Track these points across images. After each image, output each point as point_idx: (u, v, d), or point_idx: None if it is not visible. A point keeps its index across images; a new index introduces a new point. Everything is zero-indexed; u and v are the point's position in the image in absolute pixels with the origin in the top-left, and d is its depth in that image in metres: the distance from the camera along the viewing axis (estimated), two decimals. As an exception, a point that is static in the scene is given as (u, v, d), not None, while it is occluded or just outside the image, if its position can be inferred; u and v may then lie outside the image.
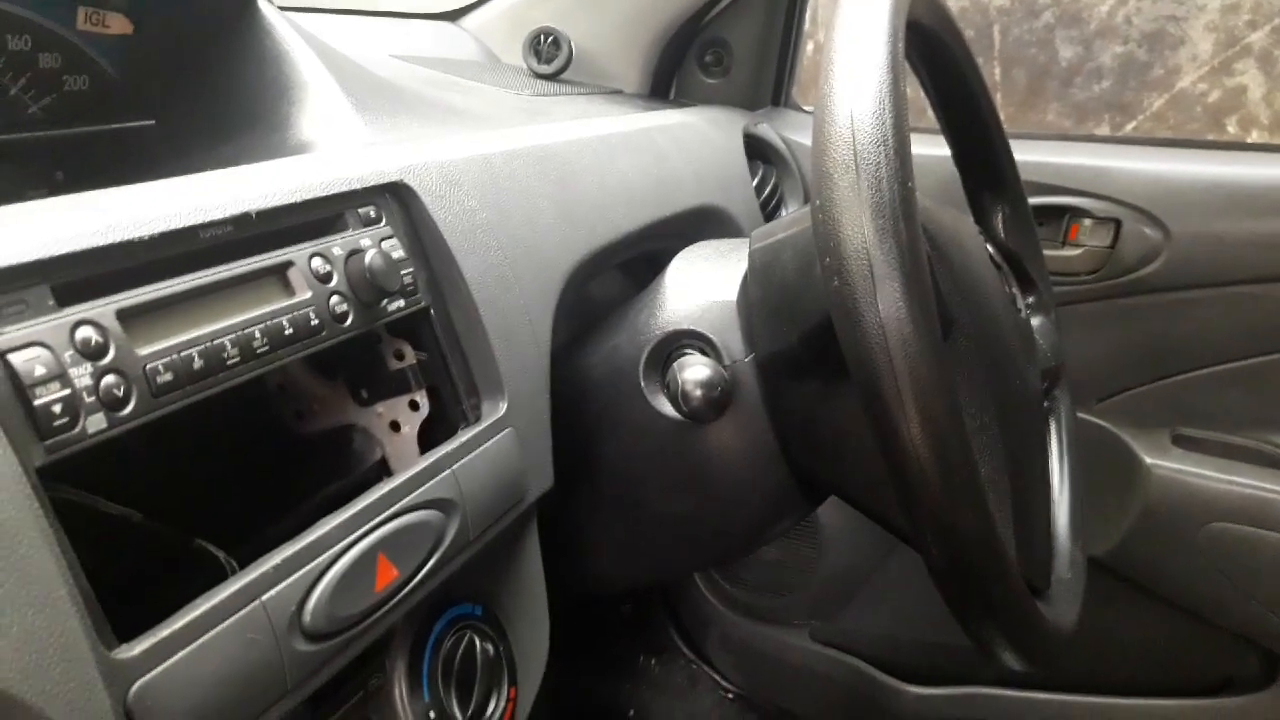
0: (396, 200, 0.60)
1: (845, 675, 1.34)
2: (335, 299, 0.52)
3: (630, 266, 0.92)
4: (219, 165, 0.53)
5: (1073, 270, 1.12)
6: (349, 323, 0.52)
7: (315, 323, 0.50)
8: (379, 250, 0.54)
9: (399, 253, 0.57)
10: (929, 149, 0.86)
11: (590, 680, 1.42)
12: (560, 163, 0.77)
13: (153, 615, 0.40)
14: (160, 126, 0.70)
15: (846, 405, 0.62)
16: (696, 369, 0.65)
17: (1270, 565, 1.09)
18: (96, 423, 0.39)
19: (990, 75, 1.45)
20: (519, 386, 0.63)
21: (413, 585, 0.52)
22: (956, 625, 0.53)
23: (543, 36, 1.19)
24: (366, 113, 0.68)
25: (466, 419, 0.61)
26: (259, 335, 0.47)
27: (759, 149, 1.17)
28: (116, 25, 0.67)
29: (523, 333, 0.65)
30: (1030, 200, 0.86)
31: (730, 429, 0.67)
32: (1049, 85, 1.45)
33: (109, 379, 0.40)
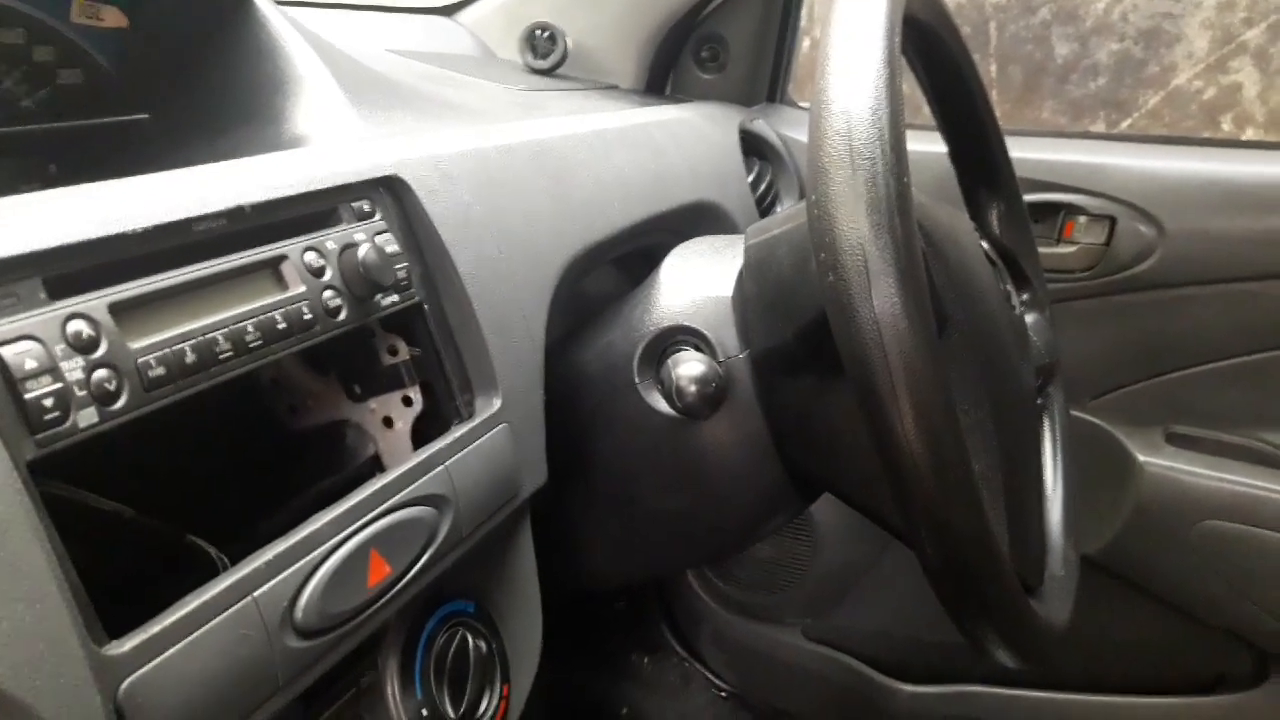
0: (391, 194, 0.59)
1: (839, 673, 1.34)
2: (329, 293, 0.51)
3: (625, 262, 0.92)
4: (213, 159, 0.53)
5: (1067, 267, 1.12)
6: (342, 317, 0.52)
7: (308, 317, 0.50)
8: (373, 245, 0.54)
9: (393, 247, 0.57)
10: (924, 145, 0.86)
11: (583, 678, 1.41)
12: (556, 158, 0.76)
13: (144, 611, 0.40)
14: (154, 120, 0.69)
15: (841, 401, 0.62)
16: (691, 365, 0.65)
17: (1263, 563, 1.09)
18: (88, 417, 0.39)
19: (986, 72, 1.45)
20: (513, 382, 0.63)
21: (405, 582, 0.52)
22: (950, 623, 0.53)
23: (538, 31, 1.19)
24: (361, 107, 0.68)
25: (460, 415, 0.61)
26: (252, 329, 0.47)
27: (754, 145, 1.17)
28: (111, 18, 0.67)
29: (517, 328, 0.65)
30: (1025, 197, 0.86)
31: (724, 425, 0.67)
32: (1045, 82, 1.45)
33: (100, 373, 0.39)
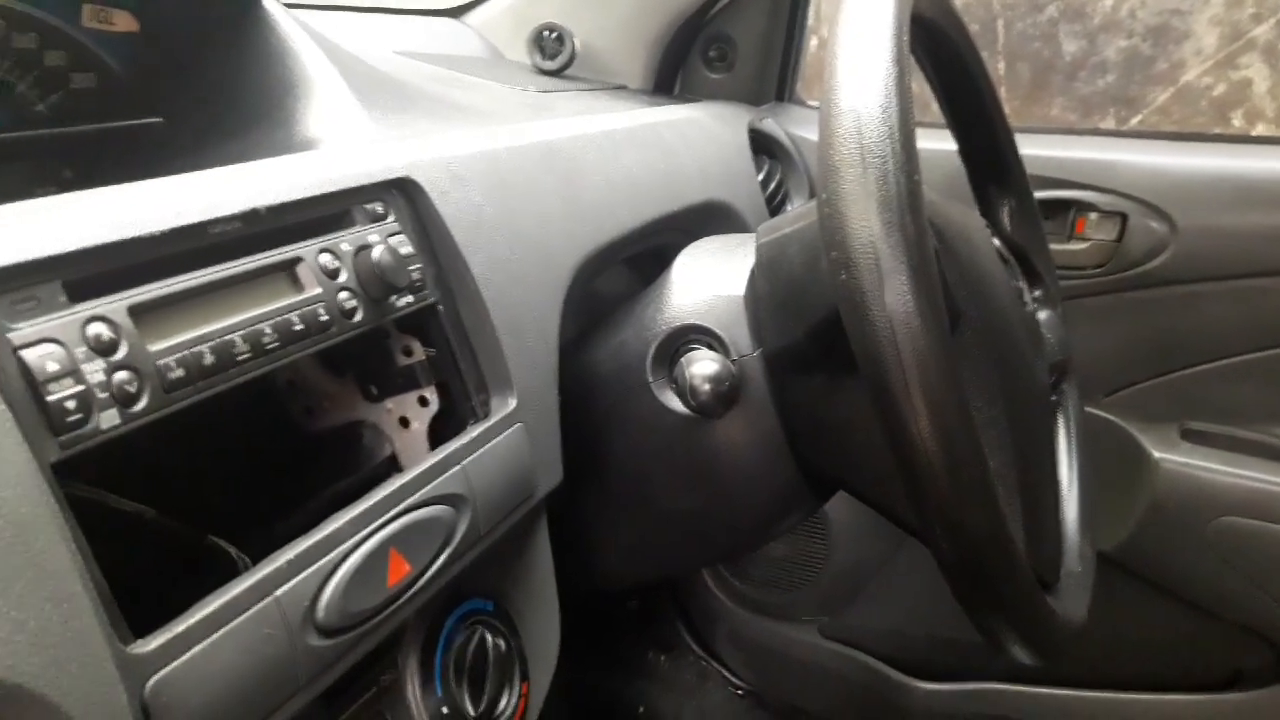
0: (403, 196, 0.60)
1: (854, 671, 1.34)
2: (344, 295, 0.52)
3: (637, 262, 0.92)
4: (226, 162, 0.53)
5: (1079, 264, 1.12)
6: (358, 319, 0.52)
7: (325, 319, 0.50)
8: (387, 246, 0.54)
9: (407, 248, 0.57)
10: (934, 143, 0.86)
11: (599, 677, 1.42)
12: (566, 158, 0.77)
13: (166, 611, 0.40)
14: (167, 124, 0.70)
15: (854, 399, 0.62)
16: (704, 364, 0.65)
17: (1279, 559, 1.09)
18: (109, 419, 0.39)
19: (994, 69, 1.44)
20: (528, 382, 0.63)
21: (424, 580, 0.52)
22: (965, 620, 0.53)
23: (547, 32, 1.19)
24: (372, 109, 0.68)
25: (476, 415, 0.61)
26: (269, 331, 0.47)
27: (764, 144, 1.17)
28: (122, 23, 0.67)
29: (531, 328, 0.65)
30: (1036, 194, 0.86)
31: (738, 424, 0.67)
32: (1053, 80, 1.45)
33: (121, 375, 0.40)
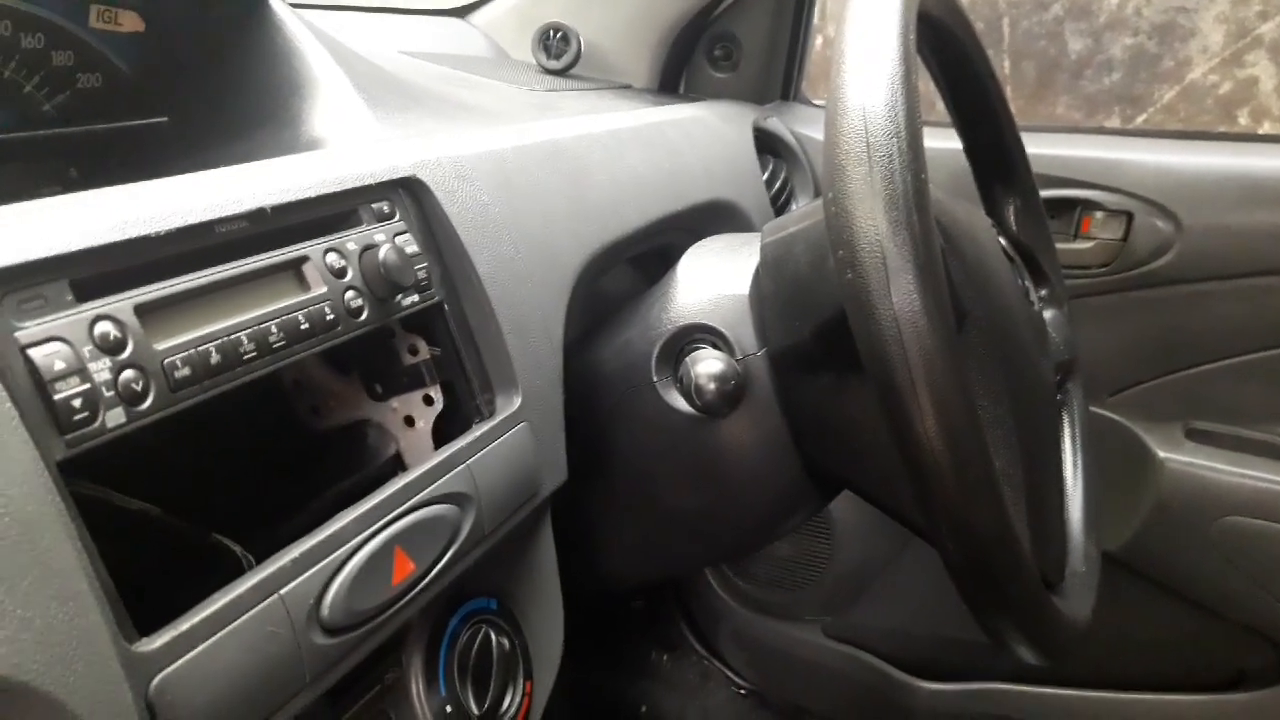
0: (409, 195, 0.60)
1: (858, 671, 1.34)
2: (350, 294, 0.52)
3: (642, 261, 0.92)
4: (232, 162, 0.53)
5: (1084, 263, 1.12)
6: (364, 317, 0.52)
7: (330, 318, 0.50)
8: (393, 245, 0.54)
9: (412, 248, 0.57)
10: (940, 142, 0.86)
11: (602, 676, 1.42)
12: (571, 158, 0.77)
13: (171, 609, 0.40)
14: (173, 123, 0.70)
15: (860, 399, 0.62)
16: (709, 363, 0.65)
17: (1284, 559, 1.09)
18: (115, 417, 0.39)
19: (1000, 68, 1.44)
20: (532, 381, 0.63)
21: (429, 579, 0.52)
22: (970, 620, 0.53)
23: (552, 32, 1.19)
24: (378, 108, 0.68)
25: (480, 414, 0.61)
26: (275, 330, 0.47)
27: (769, 143, 1.17)
28: (129, 23, 0.67)
29: (536, 327, 0.65)
30: (1042, 193, 0.86)
31: (743, 423, 0.67)
32: (1059, 78, 1.45)
33: (127, 374, 0.40)
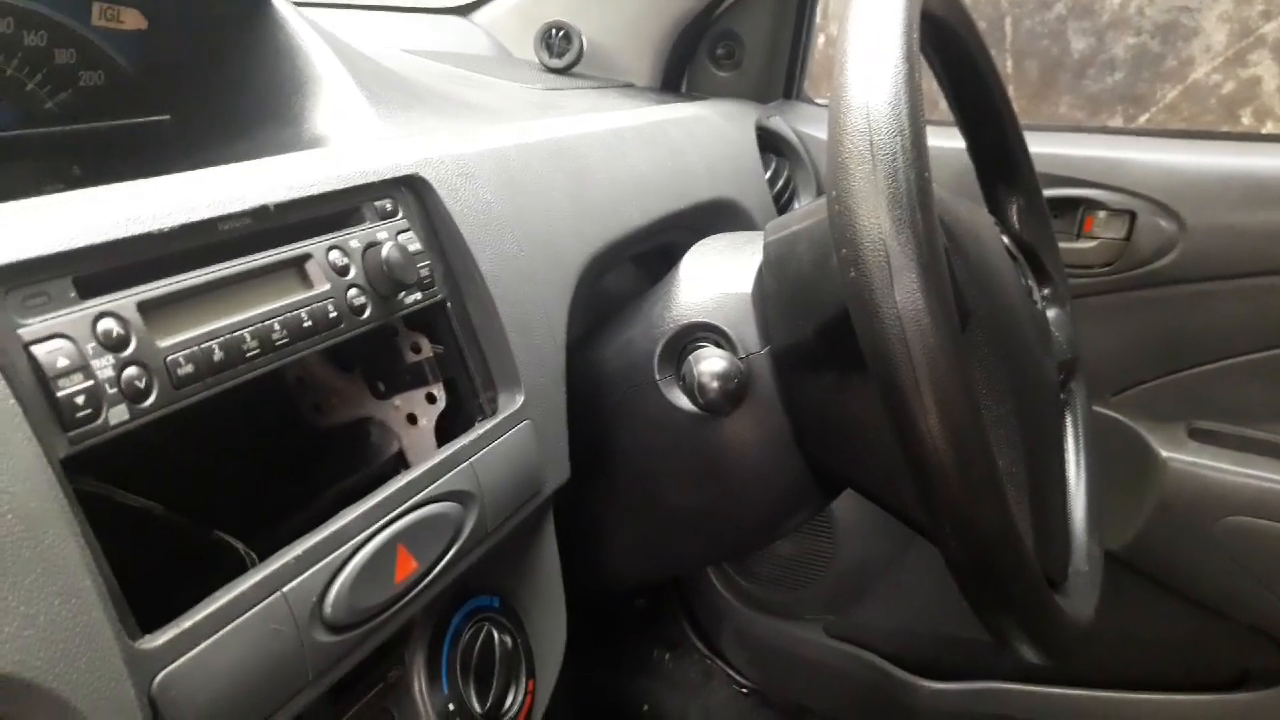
0: (412, 193, 0.60)
1: (860, 670, 1.34)
2: (353, 291, 0.52)
3: (644, 259, 0.92)
4: (234, 160, 0.53)
5: (1087, 262, 1.11)
6: (367, 315, 0.52)
7: (333, 315, 0.50)
8: (395, 243, 0.54)
9: (415, 245, 0.57)
10: (943, 141, 0.86)
11: (604, 675, 1.42)
12: (574, 156, 0.76)
13: (174, 607, 0.40)
14: (175, 121, 0.70)
15: (863, 397, 0.62)
16: (712, 361, 0.65)
17: (1287, 559, 1.09)
18: (119, 414, 0.39)
19: (1002, 67, 1.44)
20: (535, 379, 0.63)
21: (432, 577, 0.52)
22: (972, 619, 0.53)
23: (554, 30, 1.19)
24: (380, 106, 0.68)
25: (483, 412, 0.61)
26: (278, 327, 0.47)
27: (771, 142, 1.17)
28: (131, 20, 0.67)
29: (539, 326, 0.65)
30: (1045, 192, 0.86)
31: (746, 421, 0.67)
32: (1062, 77, 1.45)
33: (130, 370, 0.40)
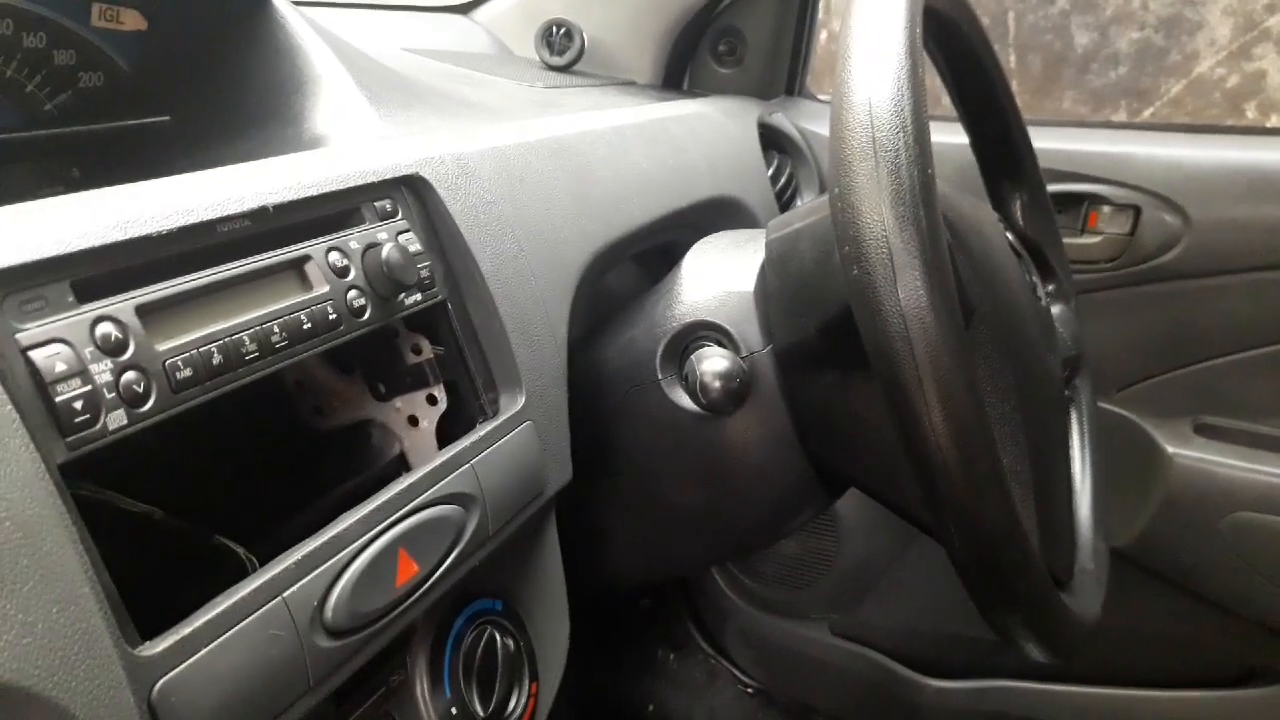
0: (412, 193, 0.59)
1: (865, 669, 1.34)
2: (353, 293, 0.51)
3: (646, 258, 0.91)
4: (234, 160, 0.53)
5: (1092, 258, 1.11)
6: (367, 317, 0.52)
7: (333, 317, 0.50)
8: (395, 244, 0.54)
9: (415, 246, 0.57)
10: (946, 136, 0.85)
11: (609, 676, 1.41)
12: (575, 154, 0.76)
13: (174, 613, 0.40)
14: (175, 122, 0.69)
15: (866, 395, 0.61)
16: (714, 360, 0.65)
17: (1294, 555, 1.08)
18: (117, 419, 0.39)
19: (1005, 62, 1.43)
20: (536, 380, 0.63)
21: (433, 580, 0.52)
22: (977, 617, 0.53)
23: (555, 28, 1.19)
24: (380, 106, 0.68)
25: (484, 413, 0.61)
26: (277, 330, 0.47)
27: (774, 139, 1.17)
28: (131, 21, 0.67)
29: (540, 326, 0.65)
30: (1048, 187, 0.85)
31: (749, 421, 0.67)
32: (1065, 72, 1.44)
33: (129, 375, 0.40)
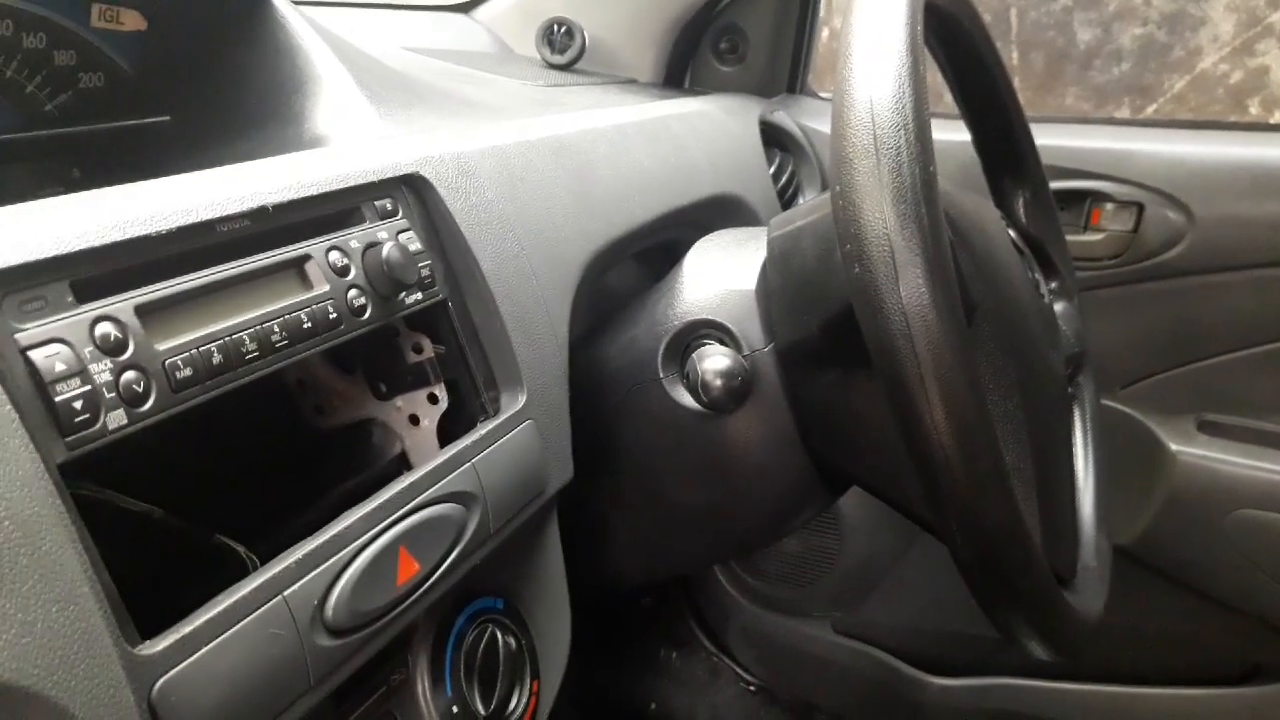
0: (413, 192, 0.59)
1: (868, 667, 1.34)
2: (353, 292, 0.51)
3: (647, 256, 0.91)
4: (234, 159, 0.53)
5: (1095, 255, 1.11)
6: (367, 316, 0.52)
7: (333, 316, 0.50)
8: (396, 243, 0.54)
9: (416, 245, 0.57)
10: (948, 134, 0.85)
11: (611, 674, 1.41)
12: (576, 153, 0.76)
13: (174, 612, 0.40)
14: (175, 122, 0.69)
15: (868, 393, 0.61)
16: (716, 359, 0.65)
17: (1298, 552, 1.08)
18: (117, 419, 0.39)
19: (1008, 59, 1.43)
20: (538, 379, 0.63)
21: (434, 579, 0.51)
22: (979, 615, 0.53)
23: (556, 26, 1.18)
24: (381, 105, 0.68)
25: (486, 412, 0.61)
26: (278, 329, 0.47)
27: (775, 137, 1.17)
28: (131, 22, 0.67)
29: (541, 324, 0.64)
30: (1051, 184, 0.85)
31: (750, 419, 0.67)
32: (1068, 69, 1.44)
33: (129, 375, 0.40)
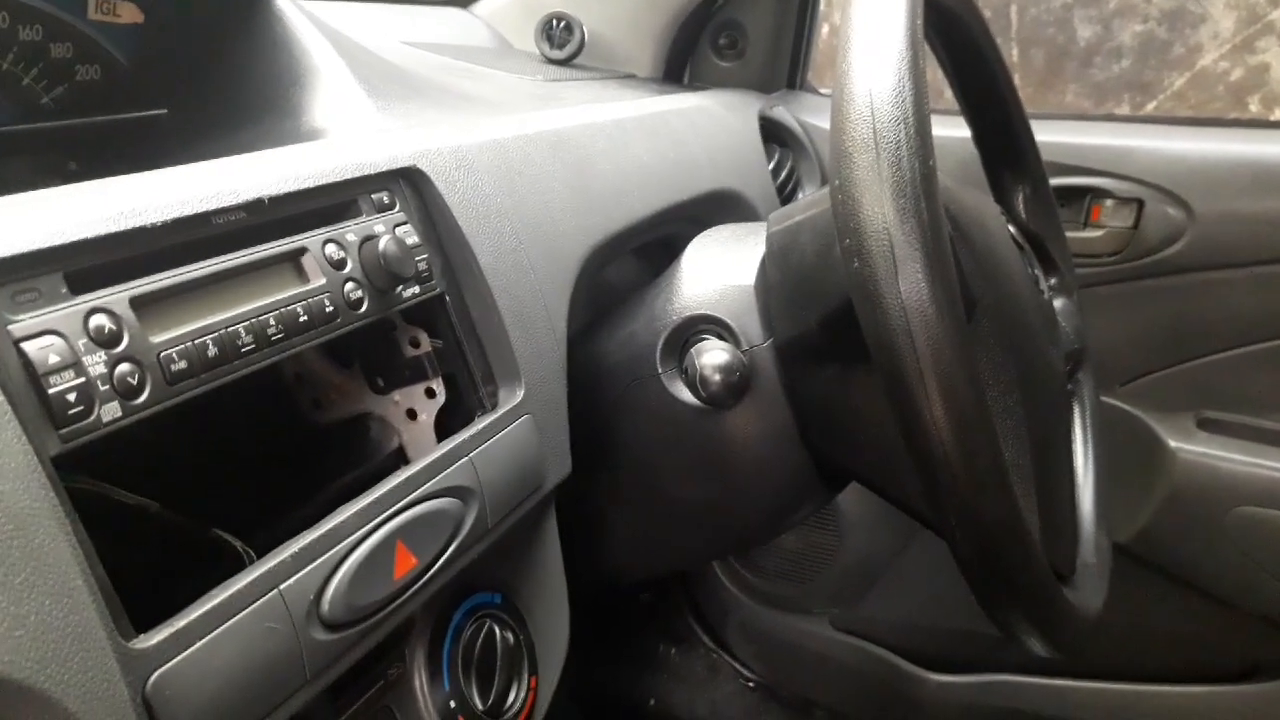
0: (410, 185, 0.59)
1: (867, 663, 1.34)
2: (350, 285, 0.51)
3: (646, 251, 0.91)
4: (231, 152, 0.52)
5: (1095, 252, 1.11)
6: (364, 309, 0.52)
7: (330, 309, 0.50)
8: (393, 236, 0.54)
9: (413, 239, 0.57)
10: (948, 129, 0.85)
11: (609, 670, 1.41)
12: (575, 147, 0.76)
13: (170, 605, 0.39)
14: (172, 115, 0.69)
15: (867, 389, 0.61)
16: (714, 354, 0.65)
17: (1298, 549, 1.08)
18: (111, 411, 0.39)
19: (1008, 55, 1.43)
20: (535, 373, 0.63)
21: (431, 573, 0.51)
22: (978, 612, 0.52)
23: (555, 21, 1.18)
24: (379, 99, 0.68)
25: (483, 406, 0.61)
26: (274, 322, 0.46)
27: (774, 132, 1.17)
28: (127, 14, 0.67)
29: (539, 319, 0.64)
30: (1051, 181, 0.85)
31: (749, 414, 0.67)
32: (1068, 65, 1.44)
33: (123, 367, 0.39)
